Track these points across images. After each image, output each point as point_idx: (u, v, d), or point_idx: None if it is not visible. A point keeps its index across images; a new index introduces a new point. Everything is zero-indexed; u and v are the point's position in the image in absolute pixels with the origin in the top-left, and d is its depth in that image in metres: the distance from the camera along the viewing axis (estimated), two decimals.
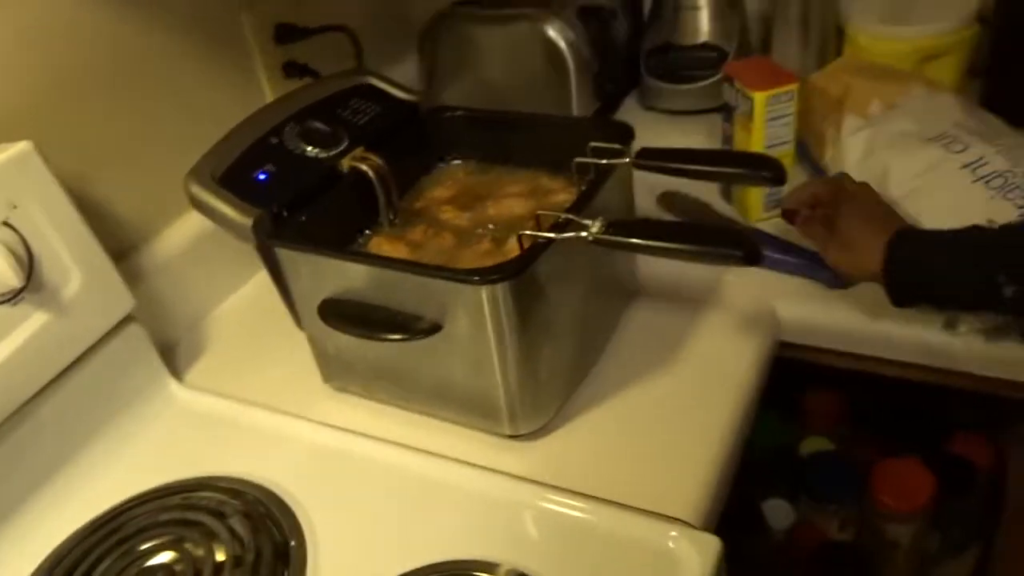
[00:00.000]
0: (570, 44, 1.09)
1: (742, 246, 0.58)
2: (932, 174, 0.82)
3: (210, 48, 0.91)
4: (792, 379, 0.85)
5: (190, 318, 0.91)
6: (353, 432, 0.74)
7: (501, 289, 0.62)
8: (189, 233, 0.88)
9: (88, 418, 0.75)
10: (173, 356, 0.86)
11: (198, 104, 0.90)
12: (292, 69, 1.01)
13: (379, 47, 1.10)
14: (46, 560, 0.66)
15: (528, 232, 0.65)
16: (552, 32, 1.08)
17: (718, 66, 1.13)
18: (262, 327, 0.89)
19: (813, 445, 1.08)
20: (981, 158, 0.80)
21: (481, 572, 0.59)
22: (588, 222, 0.63)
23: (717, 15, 1.16)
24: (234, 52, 0.95)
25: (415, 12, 1.18)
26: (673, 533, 0.61)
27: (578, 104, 1.11)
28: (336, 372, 0.78)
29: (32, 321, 0.67)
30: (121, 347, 0.76)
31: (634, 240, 0.61)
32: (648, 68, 1.20)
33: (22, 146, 0.68)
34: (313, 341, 0.77)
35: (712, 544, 0.60)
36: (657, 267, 0.83)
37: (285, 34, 1.00)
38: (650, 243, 0.61)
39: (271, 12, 0.98)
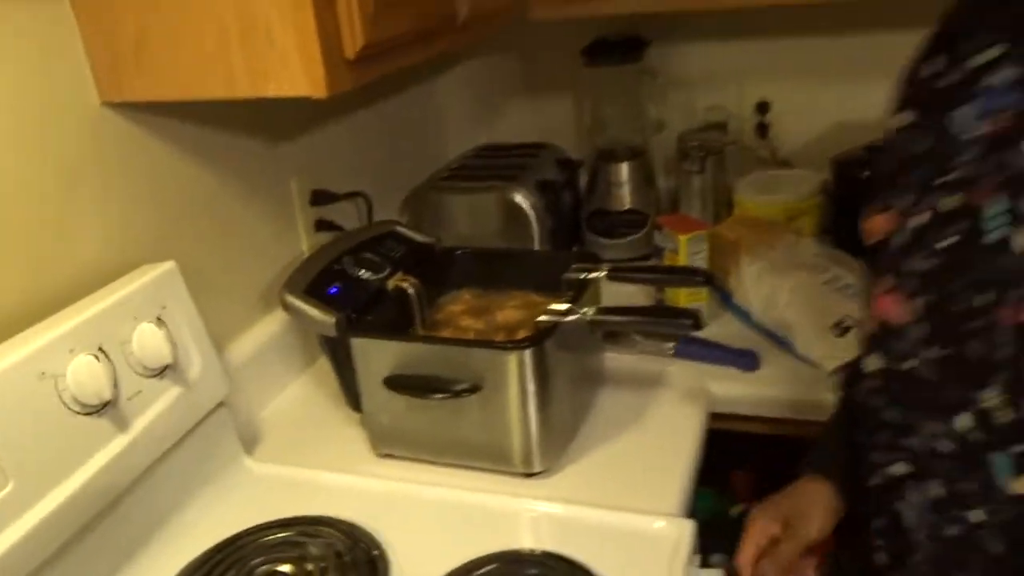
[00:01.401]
0: (532, 208, 1.42)
1: (690, 316, 0.88)
2: (803, 289, 1.17)
3: (267, 201, 1.19)
4: (723, 462, 1.13)
5: (256, 406, 1.12)
6: (402, 480, 0.97)
7: (528, 354, 0.89)
8: (257, 340, 1.12)
9: (187, 481, 0.94)
10: (245, 436, 1.06)
11: (256, 240, 1.16)
12: (322, 224, 1.30)
13: (385, 208, 1.40)
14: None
15: (545, 317, 0.93)
16: (519, 199, 1.42)
17: (640, 226, 1.49)
18: (312, 415, 1.11)
19: (739, 509, 1.34)
20: (836, 276, 1.16)
21: (519, 554, 0.81)
22: (585, 308, 0.92)
23: (638, 189, 1.54)
24: (283, 206, 1.23)
25: (406, 182, 1.51)
26: (659, 522, 0.86)
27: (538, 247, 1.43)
28: (385, 440, 1.01)
29: (171, 392, 0.89)
30: (214, 424, 0.97)
31: (618, 317, 0.90)
32: (589, 227, 1.55)
33: (169, 265, 0.92)
34: (369, 415, 1.00)
35: (686, 525, 0.85)
36: (619, 363, 1.13)
37: (319, 198, 1.29)
38: (629, 318, 0.90)
39: (310, 180, 1.27)
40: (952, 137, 0.65)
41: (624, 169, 1.53)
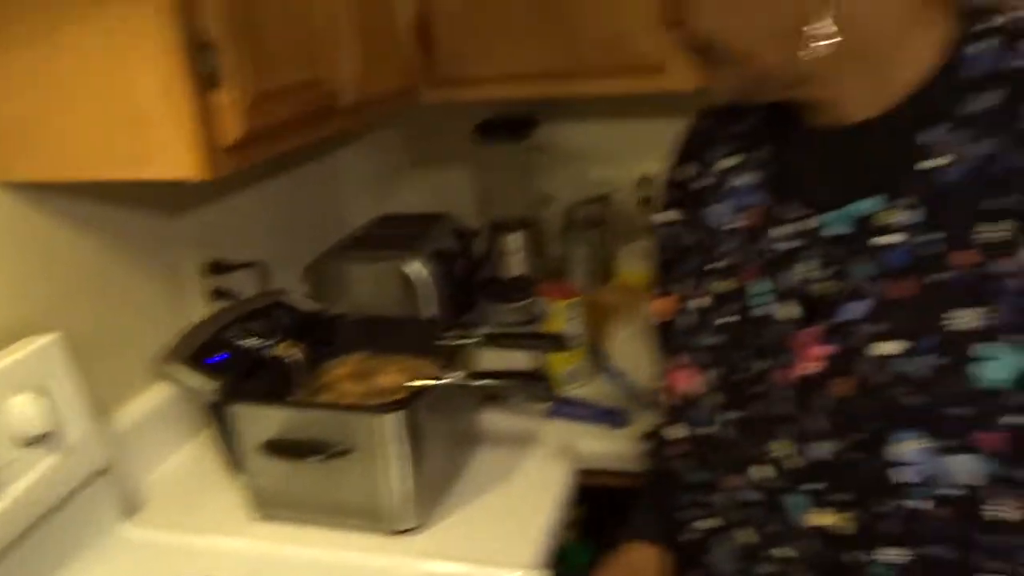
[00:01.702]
0: (426, 276, 1.50)
1: (543, 379, 0.96)
2: None
3: (163, 272, 1.24)
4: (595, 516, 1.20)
5: (143, 471, 1.14)
6: (281, 541, 1.01)
7: (394, 417, 0.95)
8: (147, 406, 1.15)
9: (62, 548, 0.96)
10: (130, 501, 1.09)
11: (150, 310, 1.20)
12: (219, 293, 1.34)
13: (288, 277, 1.46)
14: None
15: (417, 382, 1.00)
16: (413, 268, 1.49)
17: (529, 293, 1.58)
18: (198, 480, 1.15)
19: None
20: None
21: None
22: (454, 373, 1.00)
23: (529, 256, 1.64)
24: (178, 276, 1.27)
25: (307, 252, 1.57)
26: (516, 574, 0.92)
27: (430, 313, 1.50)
28: (266, 503, 1.05)
29: (46, 461, 0.92)
30: (94, 491, 1.00)
31: (486, 381, 0.98)
32: (482, 294, 1.63)
33: (53, 336, 0.96)
34: (250, 479, 1.04)
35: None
36: (497, 424, 1.20)
37: (215, 268, 1.34)
38: (495, 381, 0.98)
39: (208, 250, 1.33)
40: (713, 230, 0.75)
41: (516, 238, 1.63)
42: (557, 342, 1.13)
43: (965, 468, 0.61)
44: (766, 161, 0.73)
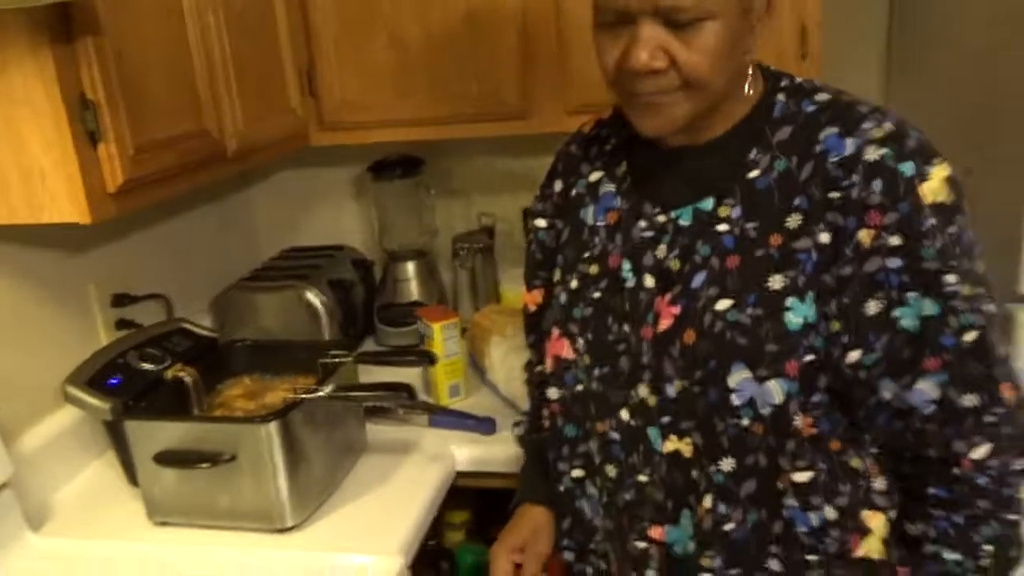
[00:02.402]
0: (323, 304, 1.63)
1: (405, 389, 1.10)
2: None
3: (68, 304, 1.34)
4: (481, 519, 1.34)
5: (49, 489, 1.24)
6: (173, 544, 1.12)
7: (274, 426, 1.08)
8: (52, 429, 1.26)
9: None
10: (37, 516, 1.19)
11: (56, 339, 1.31)
12: (123, 323, 1.45)
13: (186, 307, 1.58)
14: None
15: (291, 395, 1.13)
16: (310, 297, 1.62)
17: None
18: (100, 494, 1.25)
19: None
20: None
21: None
22: (325, 387, 1.13)
23: (423, 284, 1.78)
24: (84, 308, 1.38)
25: (218, 284, 1.69)
26: (381, 561, 1.05)
27: (328, 338, 1.63)
28: (160, 510, 1.16)
29: None
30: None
31: (351, 393, 1.11)
32: (379, 319, 1.77)
33: None
34: (145, 489, 1.15)
35: (397, 561, 1.05)
36: (383, 434, 1.33)
37: (119, 300, 1.45)
38: (359, 393, 1.11)
39: (114, 283, 1.44)
40: (588, 227, 0.95)
41: (409, 267, 1.77)
42: (424, 358, 1.27)
43: (777, 390, 0.81)
44: (624, 174, 0.94)
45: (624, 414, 0.89)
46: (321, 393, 1.13)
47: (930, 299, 0.78)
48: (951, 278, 0.78)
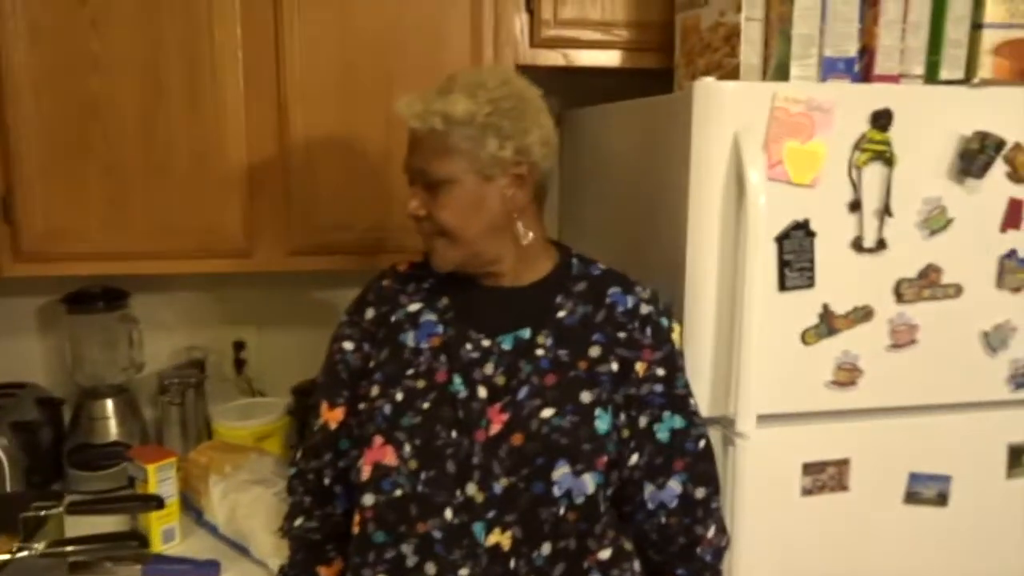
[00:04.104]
0: (3, 450, 1.46)
1: (137, 537, 1.05)
2: (260, 502, 1.41)
3: None
4: None
5: None
6: None
7: None
8: None
9: None
10: None
11: None
12: None
13: None
14: None
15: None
16: None
17: (123, 458, 1.60)
18: None
19: None
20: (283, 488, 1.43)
21: None
22: (36, 544, 1.03)
23: (123, 422, 1.67)
24: None
25: None
26: None
27: (11, 487, 1.46)
28: None
29: None
30: None
31: (71, 547, 1.03)
32: (70, 462, 1.61)
33: None
34: None
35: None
36: None
37: None
38: (86, 546, 1.04)
39: None
40: (410, 348, 1.08)
41: (108, 404, 1.66)
42: (145, 502, 1.21)
43: (590, 482, 1.00)
44: (447, 306, 1.11)
45: (448, 513, 1.00)
46: (28, 552, 1.03)
47: (679, 415, 1.07)
48: (692, 401, 1.10)
